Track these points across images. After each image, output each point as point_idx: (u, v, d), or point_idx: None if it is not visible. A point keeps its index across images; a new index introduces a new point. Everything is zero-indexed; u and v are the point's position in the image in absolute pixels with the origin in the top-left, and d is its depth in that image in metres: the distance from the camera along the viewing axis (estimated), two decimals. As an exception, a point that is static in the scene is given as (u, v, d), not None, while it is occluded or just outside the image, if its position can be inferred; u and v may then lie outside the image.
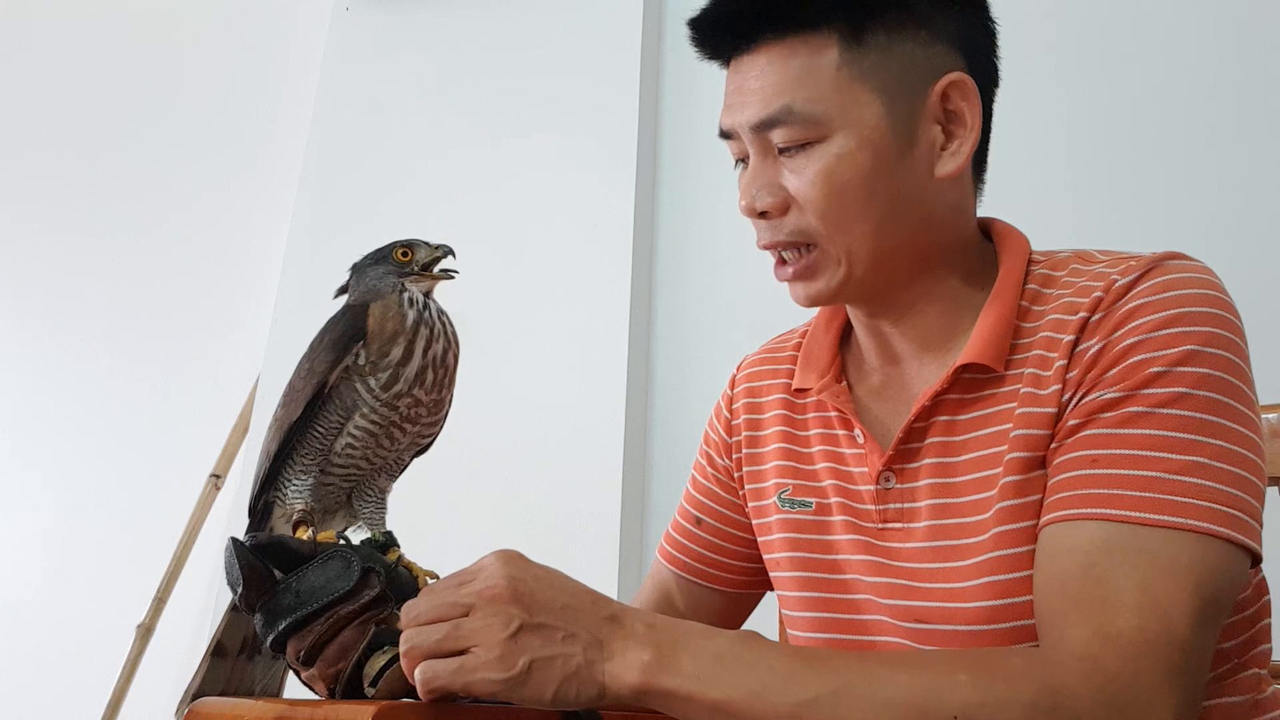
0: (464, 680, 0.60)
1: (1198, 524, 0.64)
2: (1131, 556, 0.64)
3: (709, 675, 0.61)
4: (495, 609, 0.61)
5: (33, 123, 2.95)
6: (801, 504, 0.86)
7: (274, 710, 0.64)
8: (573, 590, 0.64)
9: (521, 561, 0.65)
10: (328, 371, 0.79)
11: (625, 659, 0.61)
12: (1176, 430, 0.67)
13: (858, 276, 0.79)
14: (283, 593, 0.68)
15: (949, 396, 0.78)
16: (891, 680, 0.61)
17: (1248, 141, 1.62)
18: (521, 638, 0.61)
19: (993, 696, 0.60)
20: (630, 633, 0.63)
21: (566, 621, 0.62)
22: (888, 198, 0.77)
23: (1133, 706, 0.60)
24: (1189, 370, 0.68)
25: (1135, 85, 1.72)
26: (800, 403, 0.90)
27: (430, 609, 0.63)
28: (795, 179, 0.77)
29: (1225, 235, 1.57)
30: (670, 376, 1.93)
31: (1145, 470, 0.66)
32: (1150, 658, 0.61)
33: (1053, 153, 1.73)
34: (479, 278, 2.05)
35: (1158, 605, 0.62)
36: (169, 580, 2.13)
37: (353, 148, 2.28)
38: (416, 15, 2.32)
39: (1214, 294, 0.72)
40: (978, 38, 0.82)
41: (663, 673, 0.61)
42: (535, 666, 0.60)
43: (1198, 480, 0.65)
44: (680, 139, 2.09)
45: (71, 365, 2.63)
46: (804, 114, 0.76)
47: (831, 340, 0.89)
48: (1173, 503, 0.65)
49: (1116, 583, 0.63)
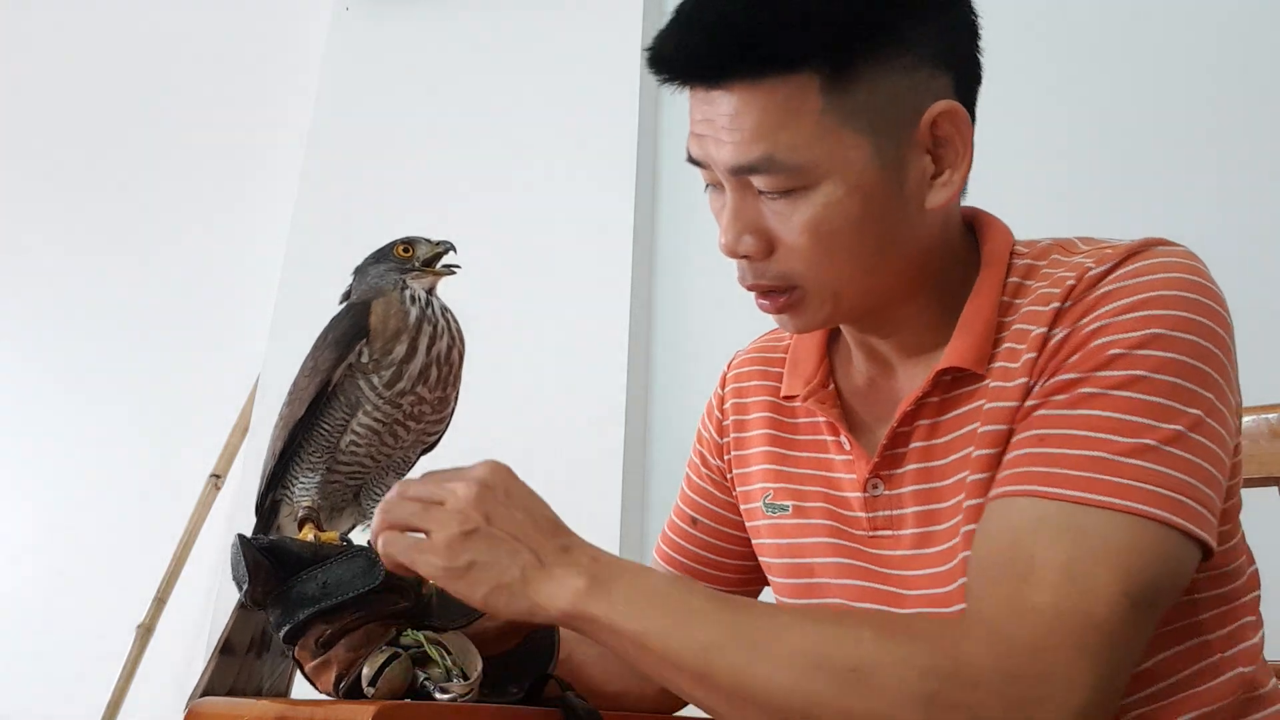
0: (411, 558, 0.66)
1: (1136, 506, 0.62)
2: (1060, 534, 0.62)
3: (634, 609, 0.63)
4: (460, 508, 0.66)
5: (33, 123, 2.95)
6: (780, 508, 0.86)
7: (274, 710, 0.64)
8: (538, 515, 0.68)
9: (504, 476, 0.68)
10: (331, 369, 0.79)
11: (561, 583, 0.64)
12: (1128, 413, 0.65)
13: (845, 309, 0.77)
14: (306, 582, 0.68)
15: (930, 400, 0.77)
16: (798, 630, 0.61)
17: (1247, 141, 1.62)
18: (471, 539, 0.65)
19: (891, 655, 0.59)
20: (573, 560, 0.66)
21: (517, 538, 0.66)
22: (878, 239, 0.73)
23: (1036, 680, 0.58)
24: (1150, 354, 0.66)
25: (1133, 84, 1.72)
26: (790, 407, 0.89)
27: (415, 490, 0.68)
28: (780, 224, 0.73)
29: (1225, 235, 1.57)
30: (670, 376, 1.93)
31: (1090, 450, 0.64)
32: (1062, 634, 0.59)
33: (1045, 149, 1.73)
34: (479, 278, 2.05)
35: (1077, 583, 0.60)
36: (169, 580, 2.13)
37: (353, 148, 2.28)
38: (416, 15, 2.32)
39: (1192, 278, 0.69)
40: (961, 45, 0.77)
41: (592, 600, 0.64)
42: (474, 567, 0.65)
43: (1144, 463, 0.63)
44: (681, 138, 2.08)
45: (71, 365, 2.63)
46: (786, 164, 0.70)
47: (818, 344, 0.88)
48: (1112, 484, 0.62)
49: (1039, 558, 0.61)
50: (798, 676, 0.59)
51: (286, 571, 0.69)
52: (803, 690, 0.59)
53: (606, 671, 0.87)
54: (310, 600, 0.67)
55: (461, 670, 0.69)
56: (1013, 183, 0.98)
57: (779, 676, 0.60)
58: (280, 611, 0.68)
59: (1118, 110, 1.72)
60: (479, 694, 0.69)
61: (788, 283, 0.75)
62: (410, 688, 0.68)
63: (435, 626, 0.71)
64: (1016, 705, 0.57)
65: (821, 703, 0.59)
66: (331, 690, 0.68)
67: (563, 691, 0.75)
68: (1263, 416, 1.02)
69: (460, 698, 0.67)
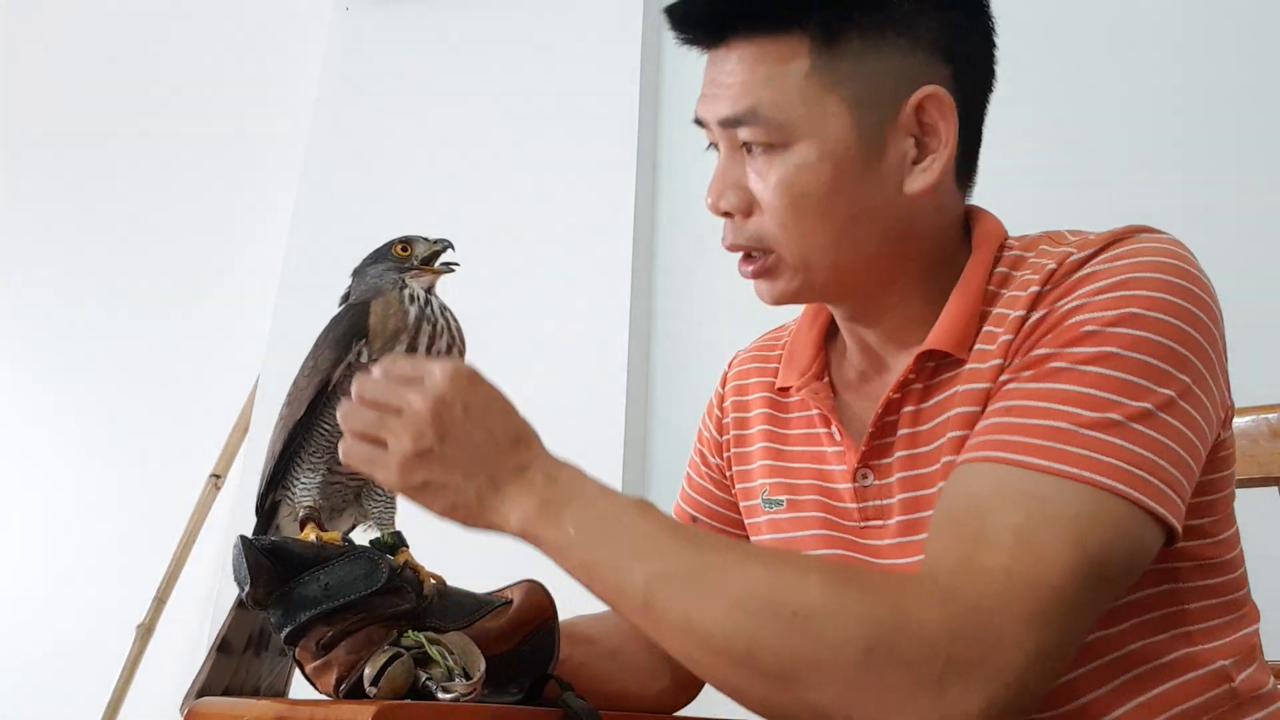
0: (368, 471, 0.68)
1: (1096, 478, 0.61)
2: (1018, 499, 0.61)
3: (584, 534, 0.63)
4: (415, 423, 0.65)
5: (33, 123, 2.95)
6: (776, 503, 0.86)
7: (274, 710, 0.64)
8: (497, 431, 0.67)
9: (465, 385, 0.67)
10: (330, 369, 0.78)
11: (513, 504, 0.65)
12: (1097, 387, 0.64)
13: (817, 284, 0.78)
14: (308, 583, 0.68)
15: (915, 386, 0.77)
16: (747, 570, 0.61)
17: (1248, 141, 1.62)
18: (426, 459, 0.65)
19: (836, 602, 0.58)
20: (527, 481, 0.65)
21: (472, 460, 0.65)
22: (848, 213, 0.75)
23: (980, 639, 0.56)
24: (1124, 331, 0.65)
25: (1132, 83, 1.72)
26: (784, 401, 0.90)
27: (372, 392, 0.68)
28: (759, 182, 0.76)
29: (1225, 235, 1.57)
30: (670, 376, 1.93)
31: (1054, 421, 0.63)
32: (1011, 595, 0.58)
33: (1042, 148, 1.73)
34: (479, 277, 2.05)
35: (1031, 548, 0.59)
36: (169, 580, 2.13)
37: (353, 147, 2.28)
38: (416, 15, 2.32)
39: (1175, 263, 0.68)
40: (969, 43, 0.78)
41: (542, 524, 0.64)
42: (429, 487, 0.66)
43: (1109, 437, 0.62)
44: (681, 137, 2.09)
45: (71, 365, 2.63)
46: (768, 119, 0.74)
47: (815, 337, 0.89)
48: (1074, 454, 0.61)
49: (996, 522, 0.60)
50: (741, 617, 0.59)
51: (288, 573, 0.68)
52: (745, 631, 0.58)
53: (606, 671, 0.87)
54: (312, 602, 0.67)
55: (464, 670, 0.69)
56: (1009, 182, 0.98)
57: (722, 616, 0.59)
58: (282, 613, 0.68)
59: (1116, 110, 1.72)
60: (479, 694, 0.69)
61: (761, 245, 0.77)
62: (412, 688, 0.68)
63: (436, 627, 0.71)
64: (958, 662, 0.56)
65: (762, 644, 0.58)
66: (332, 691, 0.68)
67: (563, 691, 0.75)
68: (1263, 416, 1.02)
69: (463, 697, 0.67)
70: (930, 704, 0.55)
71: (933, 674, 0.56)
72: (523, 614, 0.79)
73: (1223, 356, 0.70)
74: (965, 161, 0.81)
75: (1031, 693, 0.57)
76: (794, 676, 0.58)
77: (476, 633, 0.74)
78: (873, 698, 0.56)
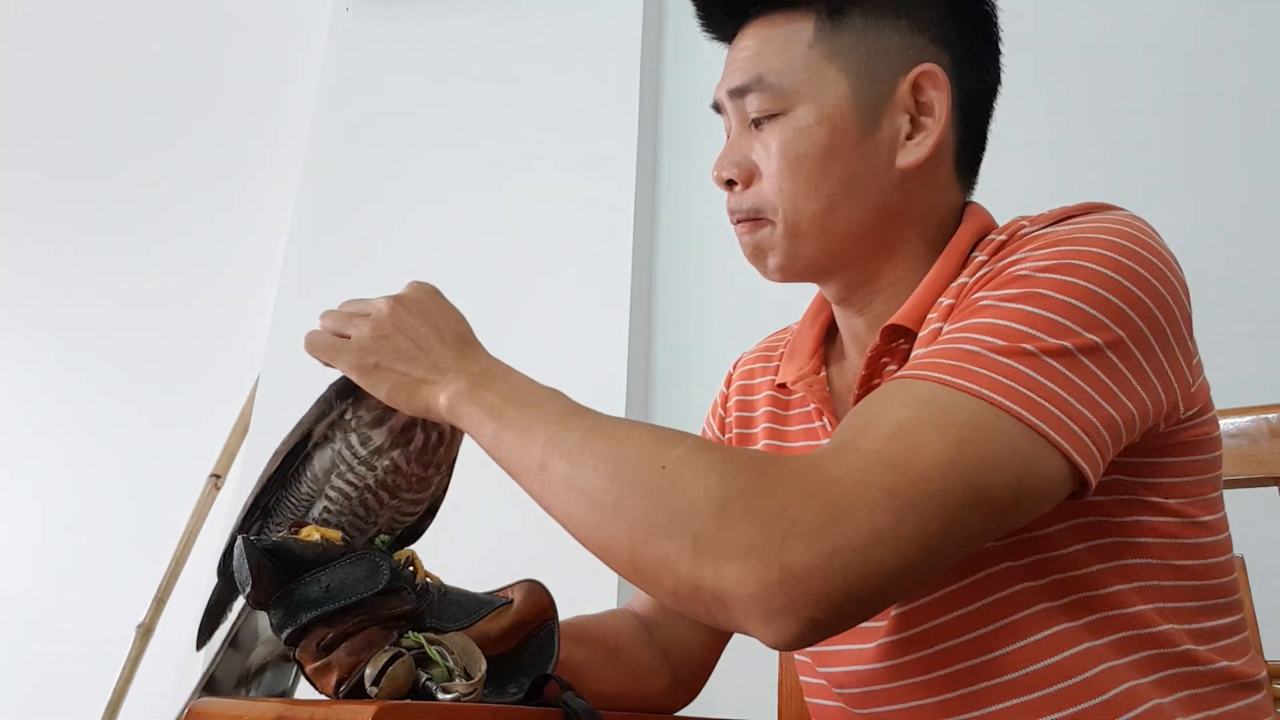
0: (330, 356, 0.76)
1: (991, 395, 0.59)
2: (909, 402, 0.60)
3: (500, 410, 0.69)
4: (377, 320, 0.75)
5: (33, 123, 2.95)
6: None
7: (274, 710, 0.64)
8: (446, 329, 0.76)
9: (424, 293, 0.78)
10: (312, 424, 0.77)
11: (446, 384, 0.72)
12: (1016, 321, 0.63)
13: (806, 255, 0.80)
14: (309, 584, 0.68)
15: (890, 367, 0.78)
16: (632, 432, 0.64)
17: (1247, 141, 1.62)
18: (380, 342, 0.74)
19: (704, 462, 0.59)
20: (463, 367, 0.73)
21: (420, 347, 0.74)
22: (840, 179, 0.78)
23: (833, 505, 0.55)
24: (1055, 276, 0.64)
25: (1131, 83, 1.72)
26: (785, 398, 0.91)
27: (345, 305, 0.78)
28: (761, 153, 0.80)
29: (1225, 235, 1.57)
30: (670, 375, 1.93)
31: (967, 345, 0.63)
32: (873, 472, 0.56)
33: (1040, 149, 1.73)
34: (479, 278, 2.06)
35: (909, 439, 0.58)
36: (169, 580, 2.14)
37: (353, 147, 2.28)
38: (416, 15, 2.32)
39: (1123, 228, 0.68)
40: (968, 36, 0.81)
41: (465, 400, 0.71)
42: (379, 368, 0.74)
43: (1016, 364, 0.61)
44: (681, 137, 2.09)
45: (71, 365, 2.63)
46: (772, 84, 0.79)
47: (816, 333, 0.90)
48: (977, 373, 0.61)
49: (881, 416, 0.60)
50: (616, 472, 0.62)
51: (290, 573, 0.68)
52: (617, 484, 0.61)
53: (606, 671, 0.87)
54: (313, 603, 0.67)
55: (464, 670, 0.69)
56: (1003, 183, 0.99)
57: (601, 473, 0.62)
58: (282, 614, 0.68)
59: (1114, 110, 1.72)
60: (480, 694, 0.69)
61: (759, 213, 0.81)
62: (412, 688, 0.68)
63: (437, 628, 0.71)
64: (803, 523, 0.55)
65: (628, 496, 0.61)
66: (332, 692, 0.68)
67: (563, 691, 0.75)
68: (1263, 417, 1.02)
69: (463, 697, 0.67)
70: (772, 558, 0.55)
71: (778, 531, 0.55)
72: (523, 614, 0.79)
73: (1182, 331, 0.68)
74: (966, 153, 0.83)
75: (880, 574, 0.55)
76: (652, 527, 0.59)
77: (477, 633, 0.74)
78: (721, 550, 0.56)
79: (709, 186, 0.87)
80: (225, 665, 0.79)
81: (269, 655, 0.81)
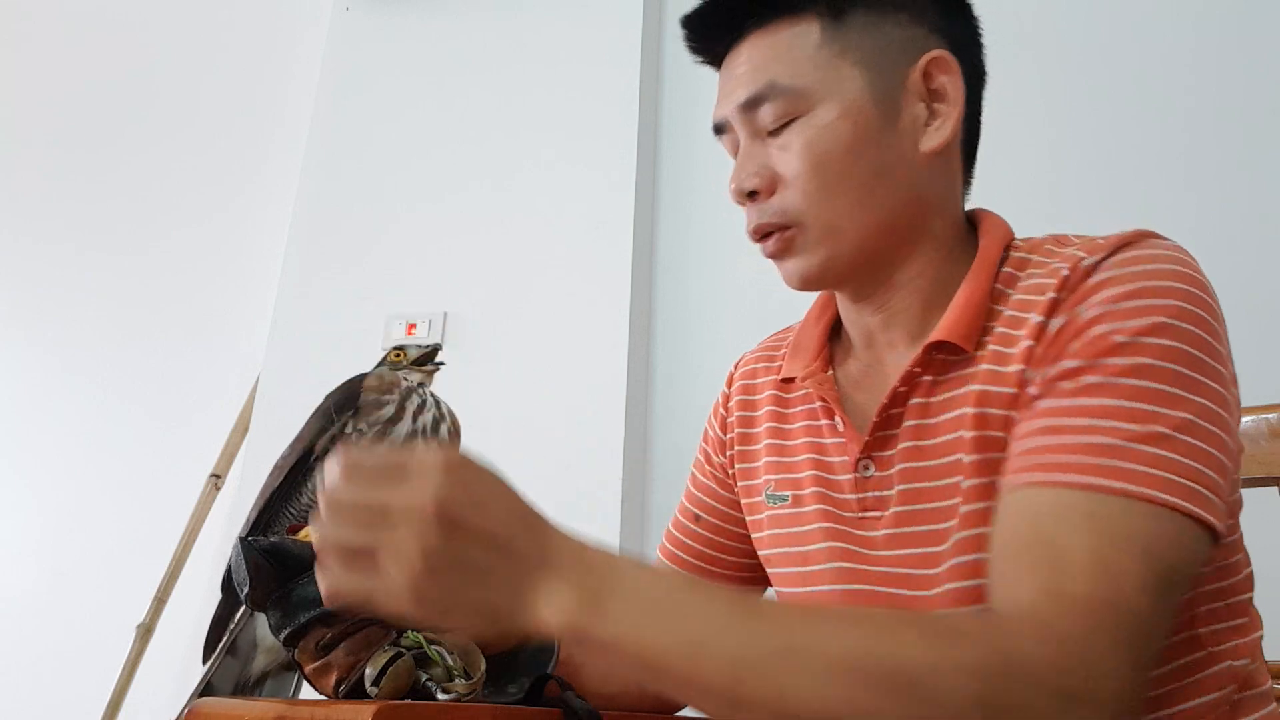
0: (368, 601, 0.55)
1: (1153, 494, 0.62)
2: (1083, 521, 0.62)
3: (640, 623, 0.56)
4: (415, 529, 0.54)
5: (33, 123, 2.95)
6: (780, 498, 0.87)
7: (274, 710, 0.64)
8: (507, 522, 0.57)
9: (461, 475, 0.56)
10: (314, 438, 0.77)
11: (550, 602, 0.56)
12: (1137, 400, 0.65)
13: (843, 254, 0.79)
14: (307, 585, 0.68)
15: (924, 379, 0.78)
16: (837, 635, 0.57)
17: (1248, 141, 1.62)
18: (438, 573, 0.54)
19: (942, 657, 0.56)
20: (559, 573, 0.56)
21: (490, 560, 0.55)
22: (870, 170, 0.77)
23: (1085, 672, 0.57)
24: (1154, 341, 0.66)
25: (1131, 83, 1.72)
26: (787, 396, 0.90)
27: (351, 500, 0.56)
28: (782, 156, 0.79)
29: (1225, 235, 1.57)
30: (671, 375, 1.93)
31: (1103, 437, 0.64)
32: (1101, 623, 0.58)
33: (1039, 150, 1.73)
34: (478, 277, 2.06)
35: (1108, 571, 0.60)
36: (169, 580, 2.13)
37: (352, 147, 2.28)
38: (416, 15, 2.33)
39: (1184, 270, 0.70)
40: (960, 33, 0.83)
41: (589, 618, 0.56)
42: (450, 607, 0.55)
43: (1156, 450, 0.63)
44: (680, 137, 2.09)
45: (71, 365, 2.63)
46: (787, 87, 0.78)
47: (821, 331, 0.90)
48: (1128, 470, 0.62)
49: (1067, 545, 0.61)
50: (843, 687, 0.55)
51: (287, 574, 0.68)
52: (851, 701, 0.55)
53: (606, 672, 0.87)
54: (311, 603, 0.67)
55: (464, 670, 0.69)
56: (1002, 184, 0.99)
57: (823, 689, 0.55)
58: (281, 614, 0.68)
59: (1114, 110, 1.72)
60: (479, 694, 0.69)
61: (788, 219, 0.79)
62: (412, 688, 0.68)
63: None
64: (1068, 698, 0.56)
65: (871, 713, 0.55)
66: (332, 692, 0.68)
67: (563, 691, 0.75)
68: (1263, 416, 1.02)
69: (463, 697, 0.67)
70: None
71: (1048, 713, 0.56)
72: (523, 614, 0.79)
73: (1232, 360, 0.72)
74: (969, 142, 0.84)
75: (1132, 712, 0.59)
76: None
77: (476, 633, 0.73)
78: None
79: (709, 187, 0.86)
80: (222, 672, 0.79)
81: (270, 664, 0.81)
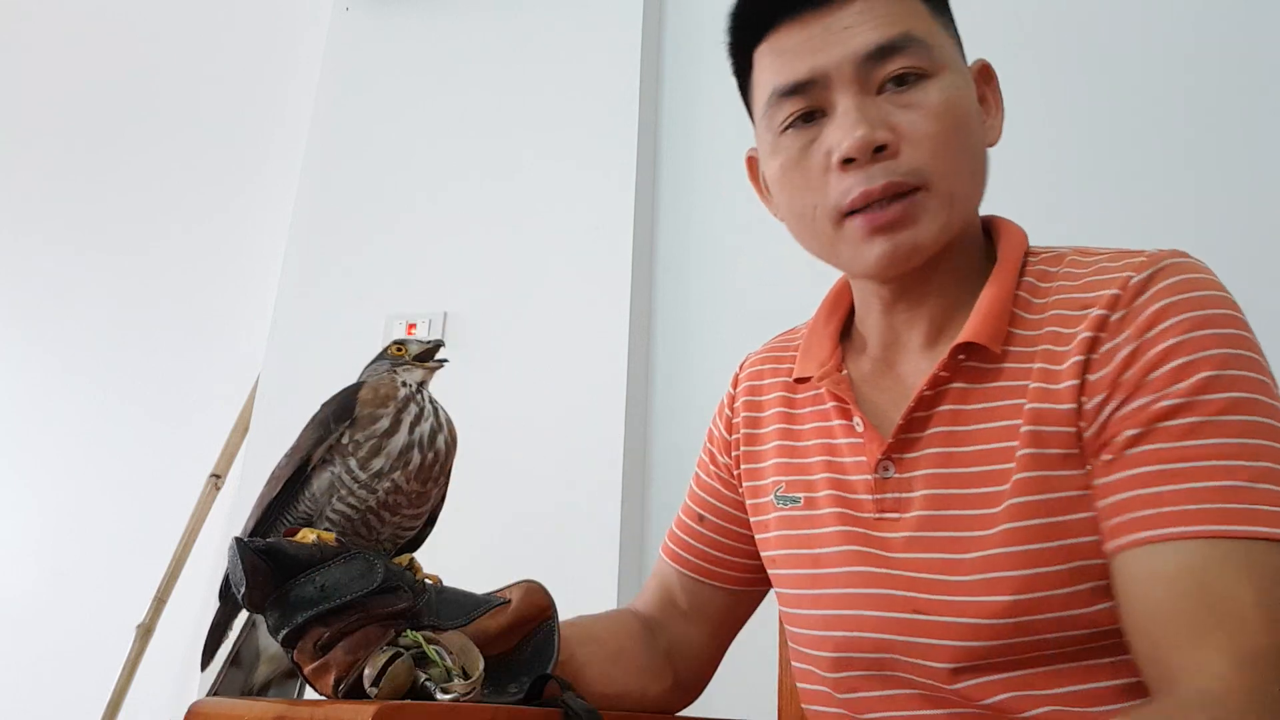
0: None
1: None
2: (1239, 572, 0.62)
3: None
4: None
5: (33, 123, 2.95)
6: (792, 500, 0.86)
7: (274, 710, 0.64)
8: None
9: None
10: (311, 449, 0.77)
11: None
12: (1243, 437, 0.65)
13: (953, 226, 0.77)
14: (304, 585, 0.68)
15: (954, 385, 0.77)
16: None
17: (1247, 142, 1.61)
18: None
19: None
20: None
21: None
22: (978, 147, 0.79)
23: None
24: (1238, 374, 0.67)
25: (1130, 84, 1.72)
26: (797, 397, 0.90)
27: None
28: (909, 114, 0.75)
29: (1225, 235, 1.57)
30: (670, 375, 1.93)
31: (1223, 480, 0.64)
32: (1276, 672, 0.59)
33: (1039, 152, 1.73)
34: (478, 277, 2.06)
35: (1271, 617, 0.60)
36: (169, 580, 2.13)
37: (352, 147, 2.28)
38: (416, 15, 2.32)
39: (1226, 295, 0.71)
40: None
41: None
42: None
43: (1274, 487, 0.64)
44: (680, 137, 2.09)
45: (71, 365, 2.63)
46: (923, 42, 0.76)
47: (833, 332, 0.90)
48: (1262, 512, 0.63)
49: (1234, 600, 0.61)
50: None
51: (284, 574, 0.68)
52: None
53: (606, 672, 0.87)
54: (308, 603, 0.67)
55: (463, 670, 0.69)
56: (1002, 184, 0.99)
57: None
58: (278, 614, 0.67)
59: (1114, 111, 1.72)
60: (479, 694, 0.69)
61: (917, 179, 0.75)
62: (411, 688, 0.67)
63: (434, 626, 0.71)
64: None
65: None
66: (330, 692, 0.68)
67: (563, 691, 0.75)
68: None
69: (462, 697, 0.67)
70: None
71: None
72: (522, 613, 0.79)
73: None
74: None
75: None
76: None
77: (475, 632, 0.73)
78: None
79: (709, 187, 0.86)
80: (227, 683, 0.79)
81: (272, 673, 0.81)
